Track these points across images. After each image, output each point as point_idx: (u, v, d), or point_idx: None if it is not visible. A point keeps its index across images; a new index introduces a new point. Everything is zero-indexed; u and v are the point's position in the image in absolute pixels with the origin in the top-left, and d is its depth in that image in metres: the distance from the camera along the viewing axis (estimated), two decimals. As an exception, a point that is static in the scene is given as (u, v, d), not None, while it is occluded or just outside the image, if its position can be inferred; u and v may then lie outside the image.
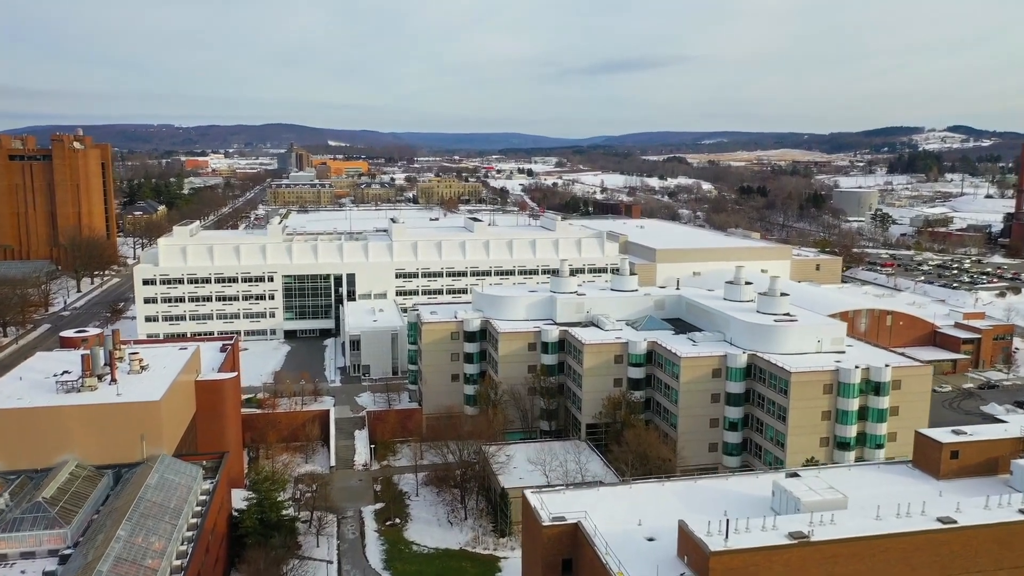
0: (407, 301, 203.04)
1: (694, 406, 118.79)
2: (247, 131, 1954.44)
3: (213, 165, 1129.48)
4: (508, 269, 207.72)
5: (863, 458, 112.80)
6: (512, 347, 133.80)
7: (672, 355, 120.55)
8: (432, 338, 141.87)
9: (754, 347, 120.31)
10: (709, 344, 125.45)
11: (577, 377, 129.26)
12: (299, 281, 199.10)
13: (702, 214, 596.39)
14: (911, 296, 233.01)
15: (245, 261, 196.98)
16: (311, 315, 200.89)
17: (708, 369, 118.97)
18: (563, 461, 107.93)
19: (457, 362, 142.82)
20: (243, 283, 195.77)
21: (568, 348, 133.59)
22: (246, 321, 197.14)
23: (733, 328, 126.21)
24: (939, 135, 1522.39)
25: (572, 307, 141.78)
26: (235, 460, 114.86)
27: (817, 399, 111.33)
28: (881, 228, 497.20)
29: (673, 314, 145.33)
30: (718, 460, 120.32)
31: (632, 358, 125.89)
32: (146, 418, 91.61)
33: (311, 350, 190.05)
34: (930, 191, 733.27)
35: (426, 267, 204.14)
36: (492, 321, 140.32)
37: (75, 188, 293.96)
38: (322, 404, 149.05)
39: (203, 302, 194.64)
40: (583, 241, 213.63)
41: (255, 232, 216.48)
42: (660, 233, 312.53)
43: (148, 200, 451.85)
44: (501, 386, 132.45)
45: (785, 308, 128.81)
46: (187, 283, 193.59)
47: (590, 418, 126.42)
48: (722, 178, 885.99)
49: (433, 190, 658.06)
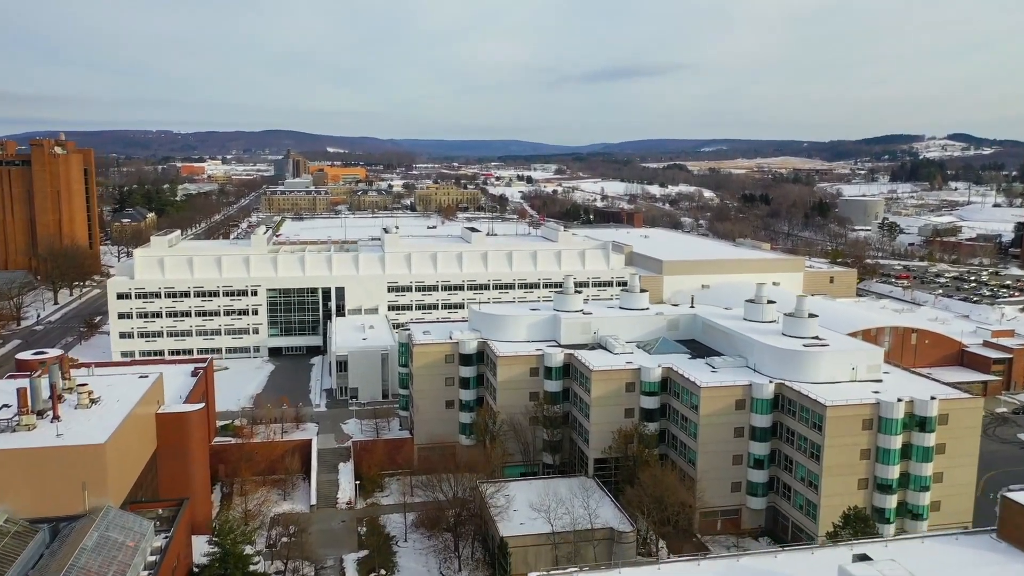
0: (400, 316, 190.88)
1: (715, 441, 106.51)
2: (246, 137, 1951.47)
3: (209, 171, 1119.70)
4: (508, 283, 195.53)
5: (905, 502, 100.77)
6: (512, 372, 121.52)
7: (690, 384, 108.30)
8: (424, 361, 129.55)
9: (781, 375, 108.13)
10: (730, 371, 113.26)
11: (584, 406, 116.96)
12: (285, 295, 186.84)
13: (705, 222, 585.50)
14: (931, 311, 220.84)
15: (227, 273, 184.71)
16: (297, 331, 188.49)
17: (731, 400, 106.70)
18: (570, 507, 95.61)
19: (452, 387, 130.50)
20: (225, 297, 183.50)
21: (574, 374, 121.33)
22: (228, 338, 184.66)
23: (757, 353, 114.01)
24: (939, 143, 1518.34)
25: (578, 328, 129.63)
26: (201, 502, 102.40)
27: (856, 436, 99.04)
28: (889, 237, 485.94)
29: (688, 335, 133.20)
30: (741, 501, 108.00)
31: (645, 386, 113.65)
32: (89, 463, 79.18)
33: (296, 369, 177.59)
34: (936, 200, 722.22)
35: (420, 280, 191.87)
36: (490, 343, 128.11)
37: (55, 195, 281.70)
38: (304, 432, 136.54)
39: (182, 318, 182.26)
40: (587, 253, 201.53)
41: (239, 243, 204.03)
42: (666, 243, 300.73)
43: (137, 207, 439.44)
44: (500, 416, 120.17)
45: (814, 331, 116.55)
46: (164, 297, 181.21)
47: (599, 452, 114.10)
48: (723, 186, 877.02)
49: (431, 197, 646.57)
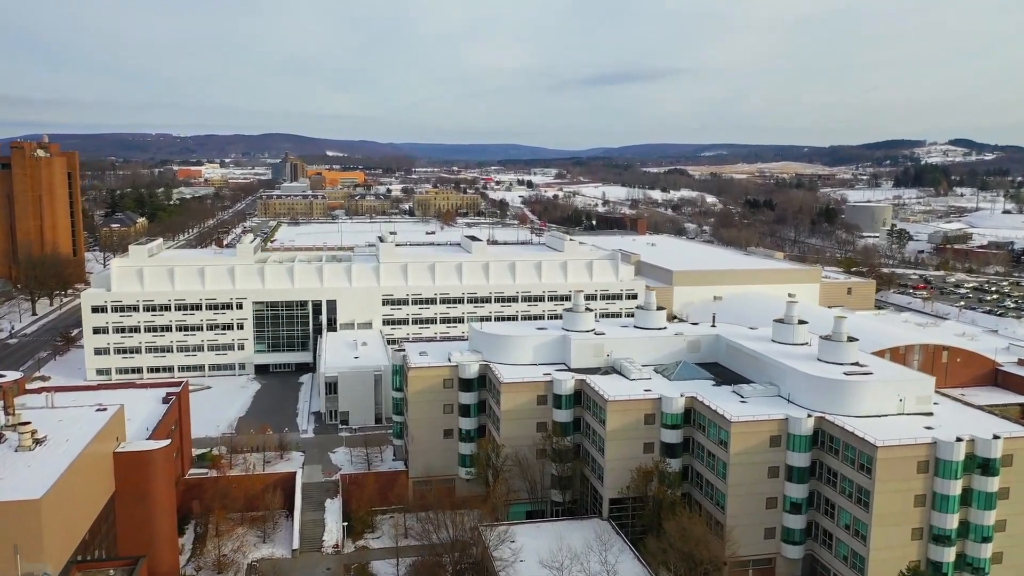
0: (395, 331, 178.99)
1: (747, 483, 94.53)
2: (245, 140, 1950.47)
3: (207, 175, 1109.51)
4: (511, 295, 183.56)
5: (964, 554, 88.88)
6: (517, 400, 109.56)
7: (719, 417, 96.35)
8: (420, 386, 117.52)
9: (820, 407, 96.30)
10: (762, 401, 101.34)
11: (598, 439, 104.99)
12: (272, 308, 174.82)
13: (708, 228, 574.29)
14: (957, 325, 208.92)
15: (211, 285, 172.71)
16: (286, 347, 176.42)
17: (765, 436, 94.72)
18: (585, 562, 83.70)
19: (451, 415, 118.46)
20: (208, 311, 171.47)
21: (586, 402, 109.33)
22: (211, 354, 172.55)
23: (791, 381, 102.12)
24: (941, 148, 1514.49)
25: (590, 350, 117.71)
26: (166, 553, 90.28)
27: (910, 480, 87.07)
28: (898, 245, 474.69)
29: (710, 357, 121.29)
30: (776, 550, 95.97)
31: (667, 418, 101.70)
32: (21, 522, 67.20)
33: (284, 389, 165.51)
34: (943, 206, 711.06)
35: (417, 293, 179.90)
36: (493, 366, 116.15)
37: (37, 200, 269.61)
38: (289, 462, 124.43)
39: (162, 332, 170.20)
40: (595, 263, 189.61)
41: (224, 252, 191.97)
42: (674, 251, 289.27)
43: (127, 212, 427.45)
44: (504, 449, 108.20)
45: (854, 355, 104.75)
46: (143, 311, 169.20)
47: (615, 492, 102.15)
48: (726, 191, 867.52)
49: (430, 202, 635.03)
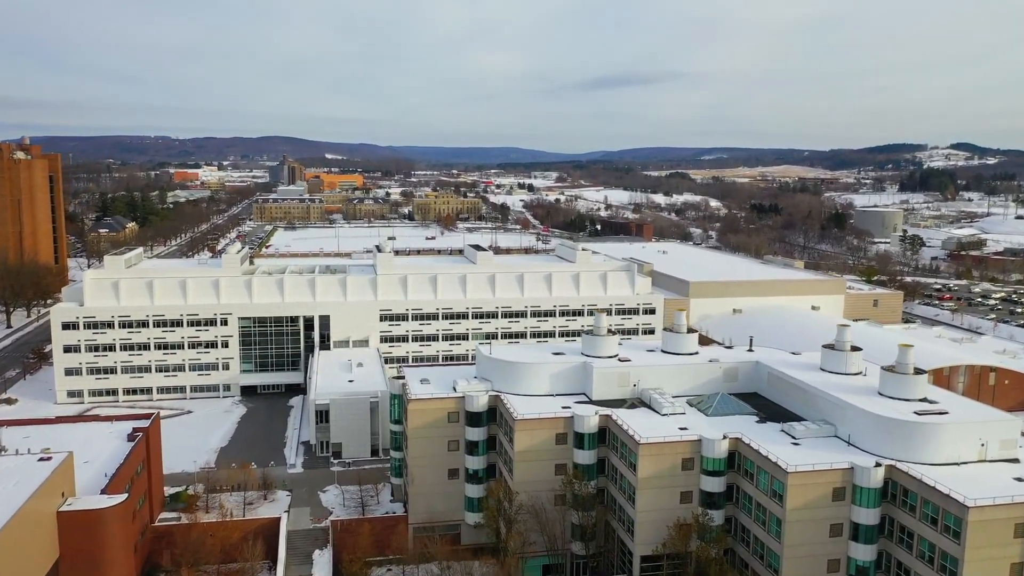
0: (394, 349, 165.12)
1: (806, 542, 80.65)
2: (244, 143, 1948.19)
3: (203, 177, 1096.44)
4: (519, 310, 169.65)
5: (1066, 630, 74.94)
6: (533, 439, 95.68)
7: (771, 464, 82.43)
8: (422, 420, 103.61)
9: (888, 452, 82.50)
10: (817, 444, 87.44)
11: (626, 486, 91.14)
12: (260, 324, 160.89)
13: (714, 234, 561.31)
14: (995, 341, 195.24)
15: (193, 299, 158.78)
16: (275, 366, 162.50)
17: (827, 488, 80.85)
18: (622, 648, 69.77)
19: (456, 452, 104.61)
20: (190, 327, 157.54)
21: (612, 441, 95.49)
22: (193, 374, 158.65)
23: (851, 420, 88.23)
24: (943, 152, 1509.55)
25: (614, 379, 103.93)
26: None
27: (1006, 547, 73.29)
28: (912, 251, 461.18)
29: (749, 387, 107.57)
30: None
31: (708, 463, 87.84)
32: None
33: (272, 413, 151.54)
34: (952, 211, 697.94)
35: (418, 307, 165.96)
36: (504, 397, 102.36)
37: (16, 205, 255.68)
38: (273, 504, 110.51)
39: (139, 351, 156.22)
40: (609, 275, 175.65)
41: (208, 263, 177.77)
42: (687, 260, 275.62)
43: (117, 216, 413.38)
44: (518, 497, 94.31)
45: (923, 390, 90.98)
46: (119, 327, 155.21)
47: (648, 548, 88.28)
48: (729, 195, 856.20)
49: (430, 206, 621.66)
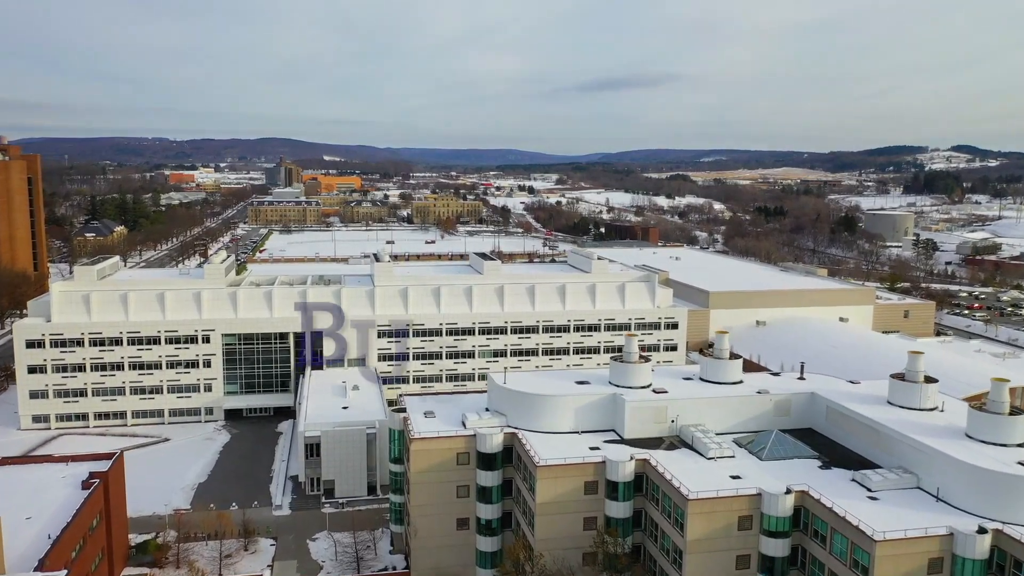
0: (393, 369, 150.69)
1: (897, 625, 66.34)
2: (242, 145, 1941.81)
3: (199, 179, 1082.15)
4: (530, 325, 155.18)
5: None
6: (558, 489, 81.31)
7: (851, 528, 68.03)
8: (427, 463, 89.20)
9: (989, 511, 68.35)
10: (899, 499, 73.13)
11: (671, 547, 76.74)
12: (247, 342, 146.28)
13: (720, 237, 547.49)
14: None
15: (173, 314, 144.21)
16: (262, 388, 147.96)
17: (921, 560, 66.55)
18: None
19: (466, 499, 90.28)
20: (168, 345, 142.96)
21: (651, 491, 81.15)
22: (172, 397, 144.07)
23: (939, 470, 73.92)
24: (944, 155, 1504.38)
25: (649, 414, 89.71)
26: None
27: None
28: (926, 256, 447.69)
29: (803, 422, 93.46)
30: None
31: (769, 522, 73.49)
32: None
33: (258, 441, 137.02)
34: (962, 214, 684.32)
35: (420, 323, 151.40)
36: (522, 435, 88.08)
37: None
38: (255, 557, 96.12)
39: (112, 372, 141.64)
40: (627, 287, 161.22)
41: (190, 273, 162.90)
42: (702, 267, 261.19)
43: (105, 220, 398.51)
44: (541, 559, 79.91)
45: (1022, 433, 76.77)
46: (90, 345, 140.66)
47: (698, 624, 73.90)
48: (732, 197, 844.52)
49: (429, 209, 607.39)
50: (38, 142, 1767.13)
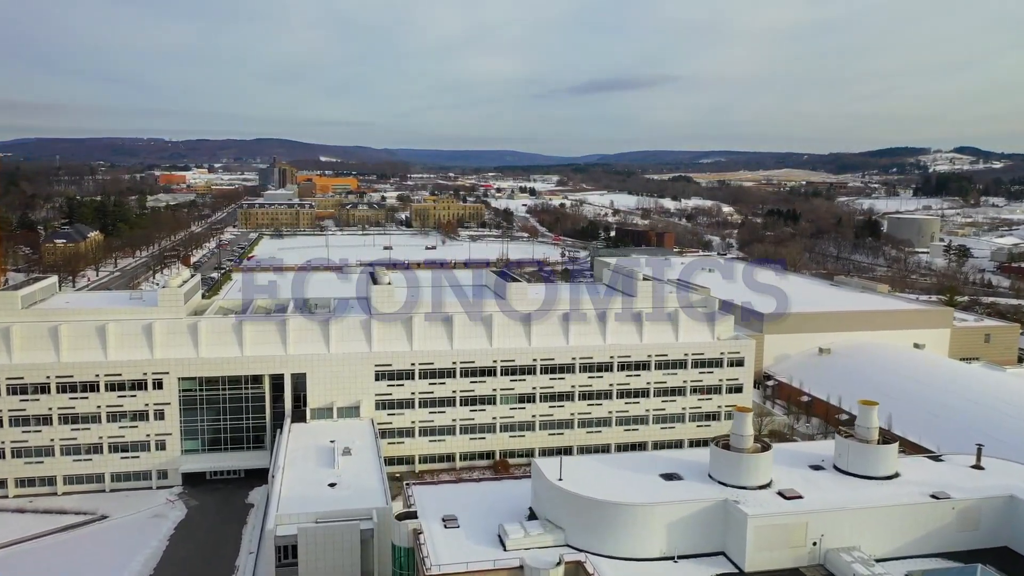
0: (394, 419, 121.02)
1: None
2: (237, 145, 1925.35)
3: (191, 180, 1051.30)
4: (565, 363, 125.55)
5: None
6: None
7: None
8: (450, 609, 59.62)
9: None
10: None
11: None
12: (210, 387, 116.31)
13: (734, 242, 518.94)
14: None
15: (117, 353, 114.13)
16: (230, 445, 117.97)
17: None
18: None
19: (508, 661, 60.72)
20: (110, 392, 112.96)
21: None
22: (115, 457, 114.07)
23: None
24: (947, 156, 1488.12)
25: (780, 534, 60.38)
26: None
27: None
28: (958, 263, 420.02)
29: (993, 539, 64.57)
30: None
31: None
32: None
33: (223, 517, 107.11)
34: (984, 218, 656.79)
35: (428, 361, 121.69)
36: (591, 564, 58.74)
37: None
38: None
39: (37, 427, 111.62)
40: (681, 314, 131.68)
41: (143, 298, 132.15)
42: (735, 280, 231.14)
43: (79, 224, 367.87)
44: None
45: None
46: (8, 393, 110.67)
47: None
48: (738, 199, 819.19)
49: (429, 212, 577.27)
50: (32, 143, 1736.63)
